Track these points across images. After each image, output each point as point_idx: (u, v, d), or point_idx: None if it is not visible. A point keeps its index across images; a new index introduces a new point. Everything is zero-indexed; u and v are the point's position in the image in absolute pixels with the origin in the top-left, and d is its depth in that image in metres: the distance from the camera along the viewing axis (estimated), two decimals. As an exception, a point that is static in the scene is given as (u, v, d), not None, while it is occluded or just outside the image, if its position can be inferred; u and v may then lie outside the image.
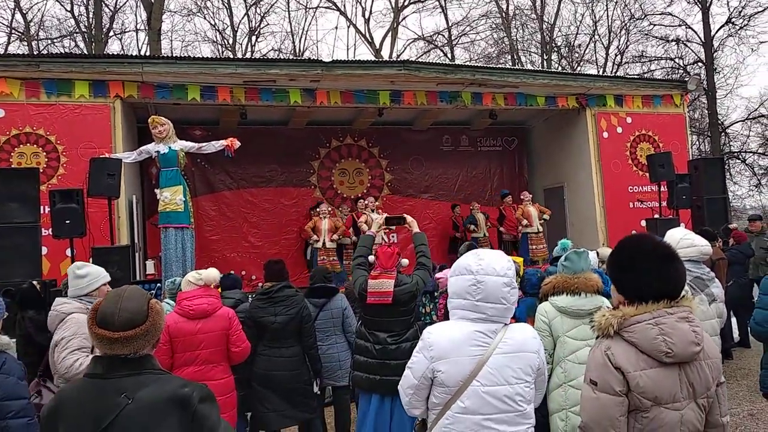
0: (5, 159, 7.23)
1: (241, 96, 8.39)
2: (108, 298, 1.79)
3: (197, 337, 3.74)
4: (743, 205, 25.08)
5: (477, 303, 2.09)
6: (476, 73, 9.14)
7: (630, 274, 1.89)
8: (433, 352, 2.10)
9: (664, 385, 1.78)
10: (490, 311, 2.09)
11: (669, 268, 1.86)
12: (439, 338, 2.12)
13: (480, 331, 2.08)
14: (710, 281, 3.54)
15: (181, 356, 3.71)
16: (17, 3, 20.12)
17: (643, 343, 1.79)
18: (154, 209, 8.10)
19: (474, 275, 2.11)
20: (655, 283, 1.84)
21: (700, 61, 21.47)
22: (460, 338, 2.09)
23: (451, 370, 2.07)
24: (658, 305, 1.83)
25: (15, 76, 7.33)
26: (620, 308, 1.89)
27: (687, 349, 1.78)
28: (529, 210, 10.15)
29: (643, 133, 10.40)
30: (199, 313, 3.78)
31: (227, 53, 22.87)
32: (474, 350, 2.07)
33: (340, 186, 11.35)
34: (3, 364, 2.68)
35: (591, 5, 24.45)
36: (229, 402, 3.81)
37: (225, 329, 3.82)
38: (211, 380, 3.66)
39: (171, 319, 3.71)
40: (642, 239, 1.99)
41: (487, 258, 2.14)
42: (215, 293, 4.03)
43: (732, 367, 6.70)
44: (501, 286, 2.09)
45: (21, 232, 5.91)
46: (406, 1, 24.55)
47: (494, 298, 2.08)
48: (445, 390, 2.09)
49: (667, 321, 1.80)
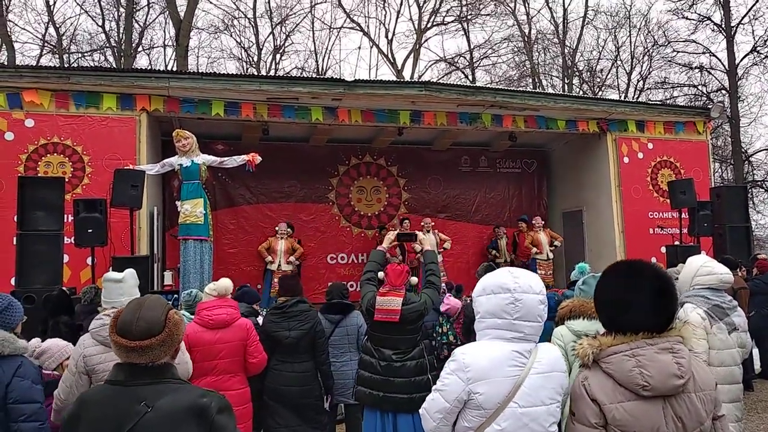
0: (32, 168, 7.40)
1: (264, 112, 8.51)
2: (129, 306, 1.83)
3: (216, 347, 3.77)
4: (766, 234, 24.61)
5: (514, 322, 2.05)
6: (497, 95, 9.17)
7: (607, 304, 1.84)
8: (471, 373, 2.03)
9: (645, 419, 1.69)
10: (527, 329, 2.05)
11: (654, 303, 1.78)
12: (476, 359, 2.05)
13: (517, 351, 2.04)
14: (731, 310, 3.47)
15: (199, 366, 3.74)
16: (51, 17, 20.75)
17: (619, 374, 1.72)
18: (175, 221, 8.22)
19: (512, 293, 2.06)
20: (636, 318, 1.76)
21: (723, 89, 21.29)
22: (499, 358, 2.03)
23: (489, 391, 2.01)
24: (637, 336, 1.75)
25: (46, 87, 7.53)
26: (597, 337, 1.83)
27: (666, 383, 1.69)
28: (539, 237, 10.13)
29: (665, 159, 10.32)
30: (218, 323, 3.82)
31: (252, 70, 23.25)
32: (511, 371, 2.02)
33: (358, 203, 11.40)
34: (19, 367, 2.72)
35: (614, 31, 24.51)
36: (244, 413, 3.82)
37: (243, 339, 3.86)
38: (228, 390, 3.69)
39: (190, 328, 3.75)
40: (622, 268, 1.90)
41: (522, 276, 2.12)
42: (234, 304, 4.07)
43: (753, 399, 6.53)
44: (537, 303, 2.07)
45: (44, 240, 6.02)
46: (429, 24, 24.82)
47: (532, 316, 2.06)
48: (481, 413, 2.03)
49: (646, 353, 1.72)
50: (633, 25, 24.22)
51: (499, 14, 25.08)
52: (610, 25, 24.65)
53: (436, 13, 24.72)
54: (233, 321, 3.88)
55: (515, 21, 24.94)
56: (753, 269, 7.75)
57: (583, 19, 24.32)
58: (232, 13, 23.57)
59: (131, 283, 3.35)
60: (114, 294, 3.27)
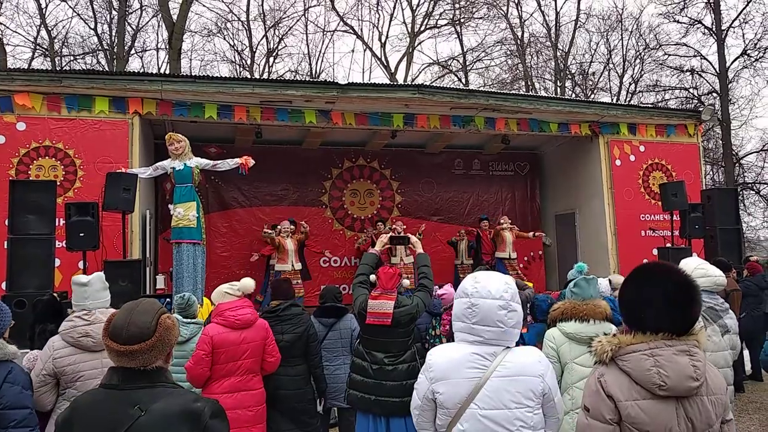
0: (24, 171, 7.36)
1: (257, 115, 8.51)
2: (122, 310, 1.83)
3: (241, 347, 3.75)
4: (757, 236, 24.79)
5: (473, 326, 2.09)
6: (490, 98, 9.20)
7: (636, 302, 1.84)
8: (433, 373, 2.11)
9: (659, 418, 1.71)
10: (487, 334, 2.08)
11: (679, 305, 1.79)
12: (437, 359, 2.13)
13: (477, 354, 2.07)
14: (724, 312, 3.51)
15: (223, 367, 3.71)
16: (43, 20, 20.65)
17: (636, 373, 1.74)
18: (167, 224, 8.17)
19: (469, 298, 2.11)
20: (658, 319, 1.78)
21: (714, 92, 21.45)
22: (458, 360, 2.08)
23: (449, 391, 2.06)
24: (657, 336, 1.77)
25: (38, 90, 7.49)
26: (617, 335, 1.85)
27: (682, 384, 1.71)
28: (504, 234, 10.06)
29: (656, 161, 10.38)
30: (244, 323, 3.80)
31: (245, 73, 23.23)
32: (471, 372, 2.05)
33: (351, 206, 11.41)
34: (9, 373, 2.70)
35: (606, 34, 24.66)
36: (263, 413, 3.86)
37: (264, 339, 3.86)
38: (251, 390, 3.74)
39: (213, 330, 3.73)
40: (656, 270, 1.89)
41: (483, 281, 2.13)
42: (251, 303, 4.06)
43: (744, 400, 6.57)
44: (496, 309, 2.07)
45: (35, 244, 5.99)
46: (423, 27, 24.89)
47: (490, 321, 2.07)
48: (445, 412, 2.09)
49: (664, 353, 1.74)
50: (625, 28, 24.42)
51: (492, 18, 25.22)
52: (602, 29, 24.86)
53: (430, 16, 24.80)
54: (256, 320, 3.88)
55: (508, 24, 25.08)
56: (743, 271, 7.81)
57: (575, 23, 24.47)
58: (225, 15, 23.53)
59: (98, 286, 3.31)
60: (80, 297, 3.26)
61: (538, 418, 2.08)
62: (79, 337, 3.09)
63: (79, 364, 3.07)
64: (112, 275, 6.07)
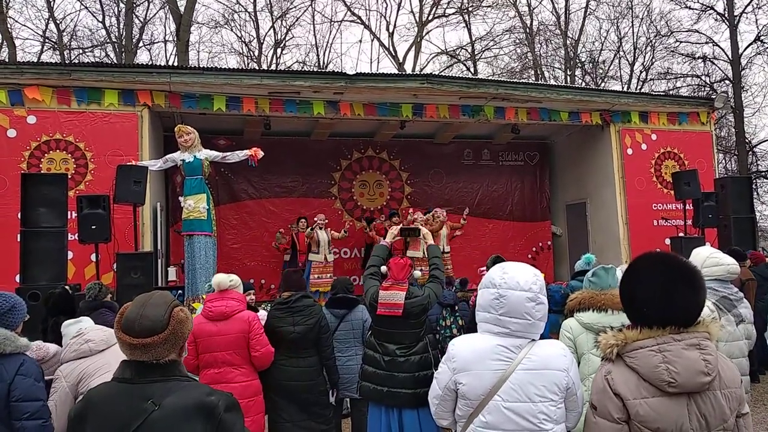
0: (35, 164, 7.40)
1: (265, 107, 8.49)
2: (134, 303, 1.81)
3: (215, 339, 3.84)
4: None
5: (500, 317, 2.06)
6: (499, 87, 9.13)
7: (635, 296, 1.79)
8: (456, 363, 2.09)
9: (669, 415, 1.65)
10: (513, 326, 2.06)
11: (678, 293, 1.73)
12: (461, 350, 2.10)
13: (503, 346, 2.05)
14: (738, 301, 3.45)
15: (203, 357, 3.84)
16: (51, 13, 20.70)
17: (644, 370, 1.69)
18: (178, 217, 8.21)
19: (497, 289, 2.08)
20: (659, 310, 1.72)
21: (727, 79, 21.17)
22: (483, 351, 2.06)
23: (473, 382, 2.04)
24: (664, 331, 1.71)
25: (47, 84, 7.52)
26: (623, 330, 1.78)
27: (693, 379, 1.65)
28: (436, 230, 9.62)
29: (669, 150, 10.27)
30: (217, 315, 3.90)
31: (253, 65, 23.19)
32: (496, 364, 2.03)
33: (360, 198, 11.39)
34: (21, 365, 2.72)
35: (616, 22, 24.35)
36: (252, 406, 3.86)
37: (243, 332, 3.88)
38: (230, 383, 3.74)
39: (196, 320, 3.85)
40: (654, 259, 1.84)
41: (511, 272, 2.11)
42: (238, 297, 4.09)
43: (759, 390, 6.51)
44: (524, 301, 2.05)
45: (48, 237, 6.02)
46: (431, 16, 24.69)
47: (517, 313, 2.05)
48: (467, 403, 2.07)
49: (673, 348, 1.68)
50: (635, 15, 24.07)
51: (501, 6, 24.91)
52: (612, 16, 24.51)
53: (437, 5, 24.58)
54: (233, 313, 3.92)
55: (517, 12, 24.81)
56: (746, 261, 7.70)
57: (585, 10, 24.18)
58: (232, 7, 23.51)
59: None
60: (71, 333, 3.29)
61: (561, 411, 2.06)
62: (80, 346, 3.09)
63: (87, 368, 3.05)
64: (125, 267, 6.13)
